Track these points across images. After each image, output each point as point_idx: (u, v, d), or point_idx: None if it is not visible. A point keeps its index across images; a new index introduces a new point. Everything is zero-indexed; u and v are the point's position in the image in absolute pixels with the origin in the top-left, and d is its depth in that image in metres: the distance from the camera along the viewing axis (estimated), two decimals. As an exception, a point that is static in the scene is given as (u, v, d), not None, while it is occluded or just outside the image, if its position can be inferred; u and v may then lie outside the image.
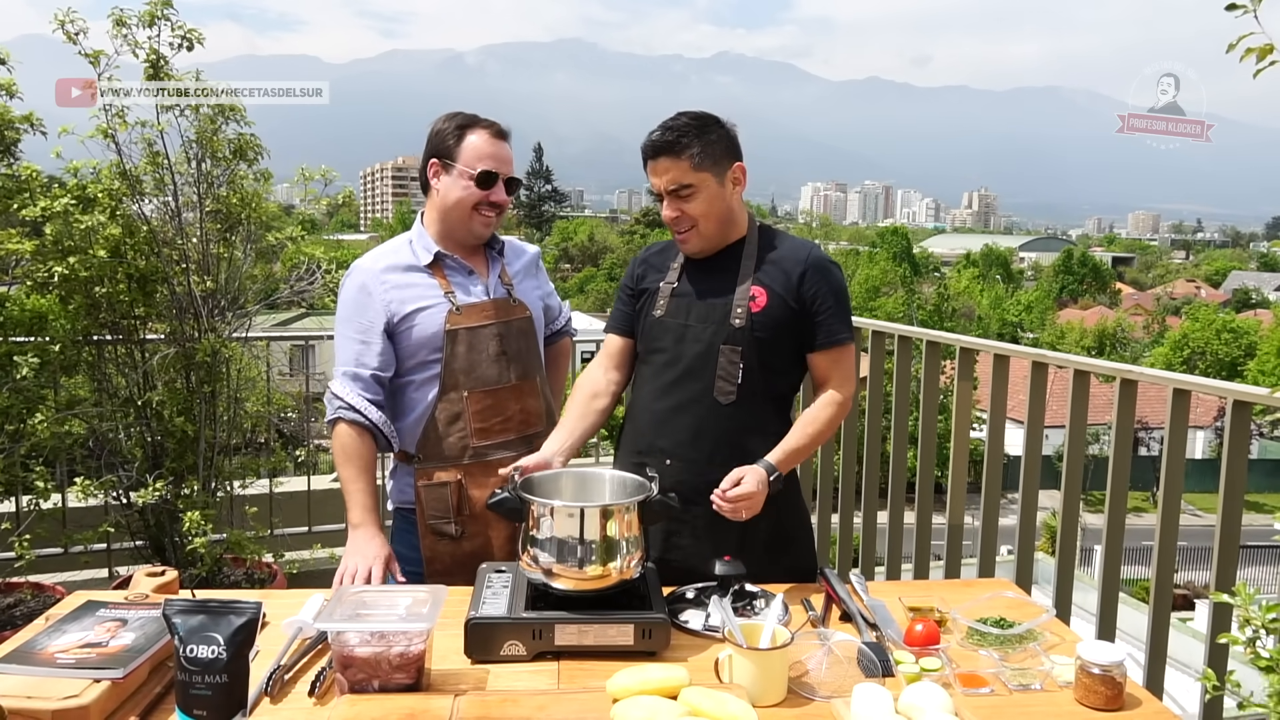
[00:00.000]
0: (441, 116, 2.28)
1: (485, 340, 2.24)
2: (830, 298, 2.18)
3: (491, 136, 2.23)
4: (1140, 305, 55.50)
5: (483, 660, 1.72)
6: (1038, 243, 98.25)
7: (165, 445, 3.18)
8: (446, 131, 2.24)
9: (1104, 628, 2.55)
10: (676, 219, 2.15)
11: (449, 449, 2.24)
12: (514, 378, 2.27)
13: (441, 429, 2.23)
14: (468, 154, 2.21)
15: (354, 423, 2.20)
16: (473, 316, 2.24)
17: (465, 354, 2.22)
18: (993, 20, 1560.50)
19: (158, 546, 3.29)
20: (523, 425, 2.29)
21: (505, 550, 2.24)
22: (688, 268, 2.25)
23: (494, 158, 2.22)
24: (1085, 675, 1.61)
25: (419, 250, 2.27)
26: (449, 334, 2.21)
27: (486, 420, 2.24)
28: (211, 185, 3.17)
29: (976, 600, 1.96)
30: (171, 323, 3.16)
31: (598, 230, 70.98)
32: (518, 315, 2.31)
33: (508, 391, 2.26)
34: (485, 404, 2.24)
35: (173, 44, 3.12)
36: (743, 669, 1.60)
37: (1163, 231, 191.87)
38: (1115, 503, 2.52)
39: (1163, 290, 66.27)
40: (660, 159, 2.11)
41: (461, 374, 2.22)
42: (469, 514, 2.24)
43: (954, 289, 51.59)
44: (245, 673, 1.48)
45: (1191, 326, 40.96)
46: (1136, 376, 2.52)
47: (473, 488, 2.24)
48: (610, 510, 1.77)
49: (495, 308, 2.27)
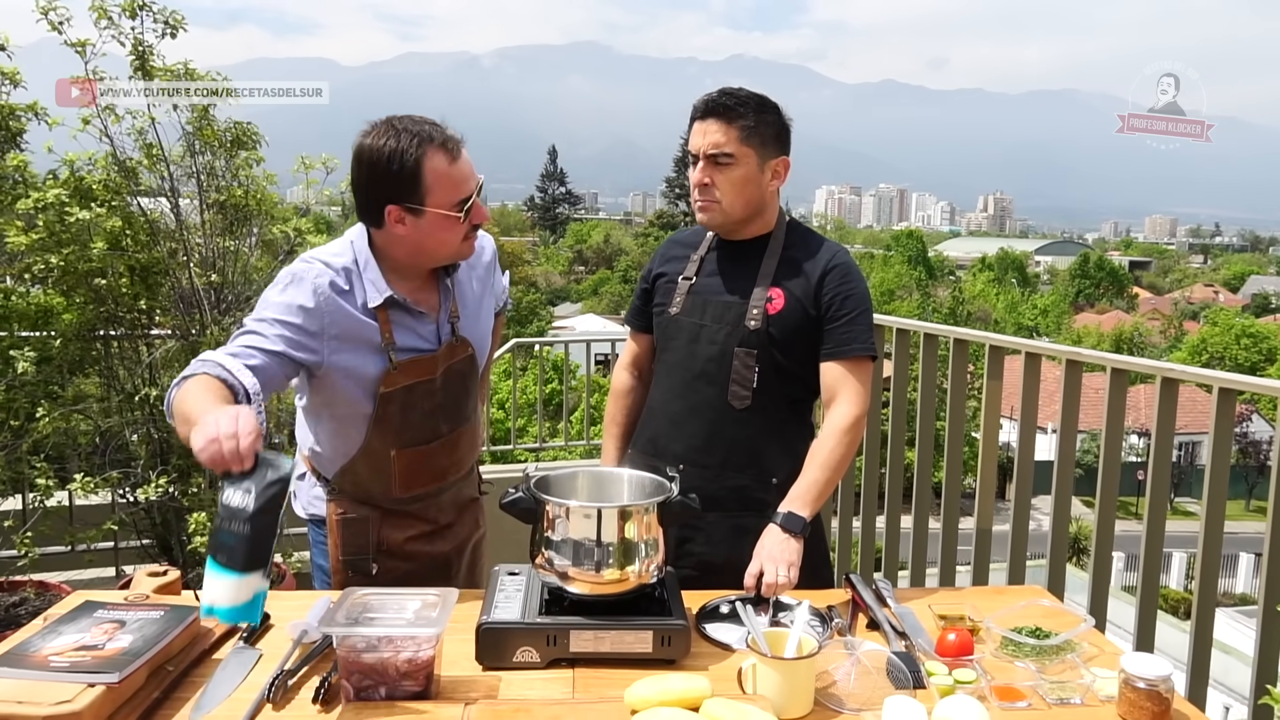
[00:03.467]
0: (373, 142, 1.82)
1: (419, 397, 1.97)
2: (847, 304, 2.07)
3: (451, 157, 1.84)
4: (1157, 309, 55.08)
5: (494, 667, 1.65)
6: (1054, 246, 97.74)
7: (171, 442, 3.12)
8: (401, 169, 1.80)
9: (1142, 639, 2.46)
10: (705, 186, 2.07)
11: (368, 493, 2.03)
12: (447, 430, 2.04)
13: (363, 477, 2.01)
14: (437, 191, 1.83)
15: (215, 376, 1.70)
16: (411, 373, 1.94)
17: (398, 414, 1.95)
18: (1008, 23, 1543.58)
19: (164, 545, 3.24)
20: (452, 472, 2.11)
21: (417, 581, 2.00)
22: (707, 263, 2.18)
23: (465, 179, 1.87)
24: (1130, 690, 1.53)
25: (367, 286, 1.90)
26: (383, 396, 1.92)
27: (413, 475, 2.03)
28: (213, 175, 3.11)
29: (1010, 608, 1.87)
30: (176, 317, 3.11)
31: (612, 233, 70.95)
32: (460, 356, 2.04)
33: (440, 447, 2.05)
34: (414, 461, 2.01)
35: (156, 32, 3.06)
36: (767, 679, 1.52)
37: (1180, 235, 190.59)
38: (1155, 508, 2.42)
39: (1180, 294, 65.77)
40: (709, 119, 2.03)
41: (392, 434, 1.96)
42: (385, 549, 2.06)
43: (969, 292, 51.35)
44: (269, 531, 1.45)
45: (1210, 331, 40.63)
46: (1178, 376, 2.39)
47: (388, 528, 2.05)
48: (629, 511, 1.70)
49: (436, 359, 1.98)
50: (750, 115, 2.03)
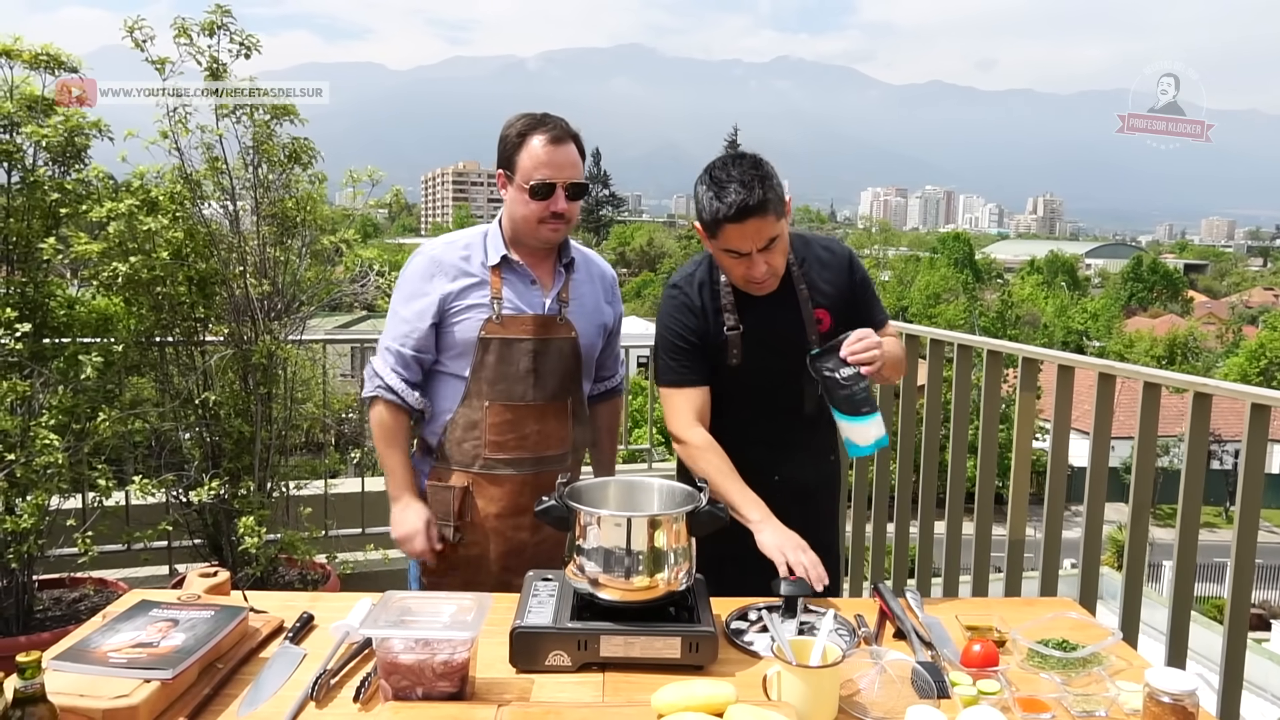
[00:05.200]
0: (511, 118, 2.22)
1: (518, 355, 2.21)
2: (867, 290, 2.30)
3: (549, 142, 2.15)
4: (1214, 314, 53.72)
5: (527, 670, 1.70)
6: (1105, 249, 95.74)
7: (223, 445, 3.24)
8: (509, 139, 2.19)
9: (1175, 650, 2.45)
10: (765, 271, 2.09)
11: (462, 454, 2.25)
12: (539, 398, 2.24)
13: (460, 432, 2.24)
14: (525, 165, 2.15)
15: (390, 402, 2.25)
16: (511, 329, 2.21)
17: (494, 364, 2.20)
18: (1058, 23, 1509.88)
19: (215, 545, 3.35)
20: (539, 446, 2.26)
21: (500, 564, 2.25)
22: (740, 306, 2.20)
23: (550, 165, 2.14)
24: (1154, 704, 1.53)
25: (489, 248, 2.25)
26: (481, 341, 2.20)
27: (502, 434, 2.23)
28: (268, 189, 3.23)
29: (1038, 620, 1.89)
30: (230, 324, 3.23)
31: (655, 235, 71.02)
32: (561, 335, 2.26)
33: (529, 410, 2.23)
34: (503, 418, 2.22)
35: (231, 51, 3.20)
36: (791, 687, 1.55)
37: (1238, 238, 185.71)
38: (1188, 521, 2.42)
39: (1238, 298, 64.07)
40: (749, 220, 2.00)
41: (486, 383, 2.21)
42: (470, 520, 2.26)
43: (1017, 296, 50.56)
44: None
45: (1269, 336, 39.49)
46: (1211, 390, 2.40)
47: (479, 497, 2.25)
48: (659, 520, 1.74)
49: (538, 324, 2.23)
50: (770, 192, 2.02)
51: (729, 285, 2.20)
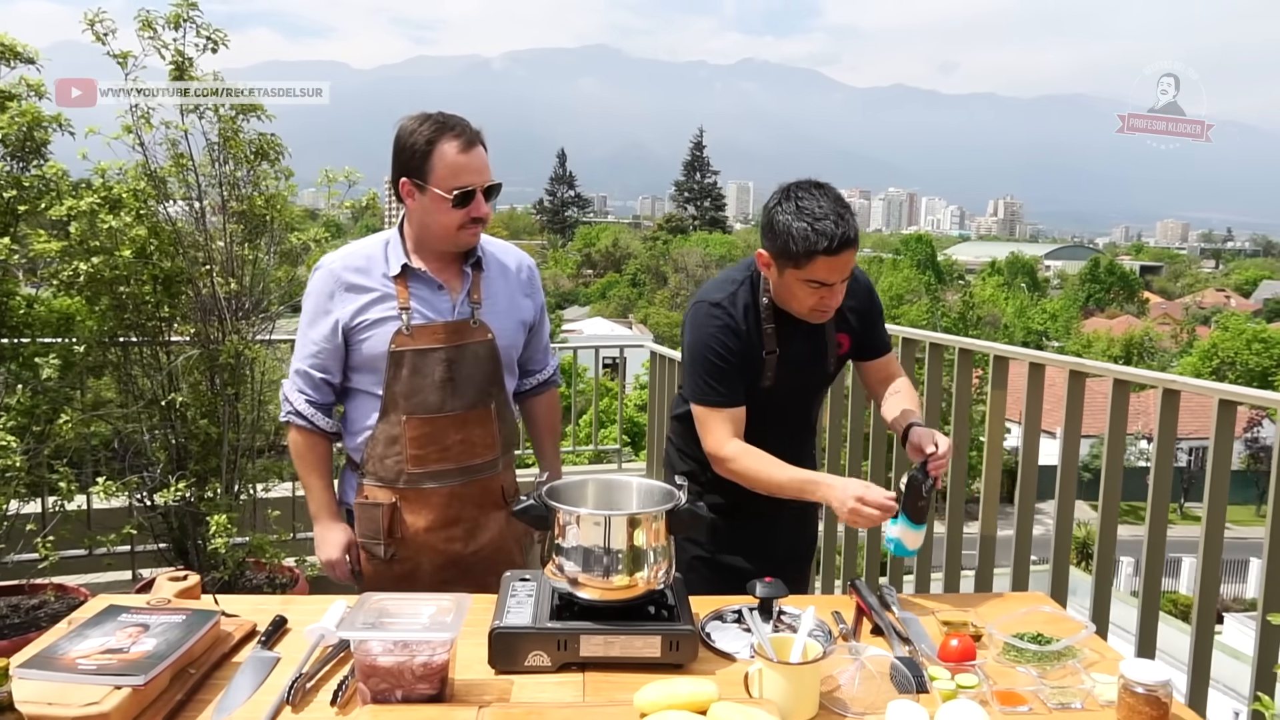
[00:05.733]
0: (405, 122, 2.09)
1: (432, 365, 2.12)
2: (877, 313, 2.36)
3: (464, 148, 2.05)
4: (1168, 314, 54.77)
5: (506, 671, 1.69)
6: (1064, 251, 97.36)
7: (189, 447, 3.18)
8: (416, 147, 2.06)
9: (1144, 645, 2.49)
10: (837, 302, 2.12)
11: (386, 470, 2.17)
12: (458, 406, 2.16)
13: (381, 448, 2.16)
14: (440, 172, 2.04)
15: (302, 427, 2.22)
16: (422, 339, 2.12)
17: (408, 378, 2.12)
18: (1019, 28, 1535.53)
19: (180, 549, 3.29)
20: (463, 455, 2.19)
21: (436, 577, 2.18)
22: (778, 330, 2.22)
23: (470, 171, 2.06)
24: (1129, 695, 1.56)
25: (390, 257, 2.15)
26: (392, 355, 2.11)
27: (423, 447, 2.15)
28: (235, 187, 3.18)
29: (1013, 615, 1.91)
30: (196, 324, 3.17)
31: (621, 236, 70.99)
32: (476, 339, 2.17)
33: (448, 421, 2.15)
34: (423, 431, 2.14)
35: (198, 45, 3.14)
36: (773, 684, 1.56)
37: (1192, 240, 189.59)
38: (1156, 516, 2.46)
39: (1191, 299, 65.41)
40: (844, 253, 2.01)
41: (401, 397, 2.13)
42: (400, 537, 2.19)
43: (979, 297, 51.16)
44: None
45: (1221, 336, 40.38)
46: (1180, 387, 2.45)
47: (406, 512, 2.18)
48: (638, 519, 1.74)
49: (449, 330, 2.14)
50: (854, 221, 2.06)
51: (769, 309, 2.20)
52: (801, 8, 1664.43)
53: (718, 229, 72.93)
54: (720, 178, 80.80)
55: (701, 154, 77.34)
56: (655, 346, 5.54)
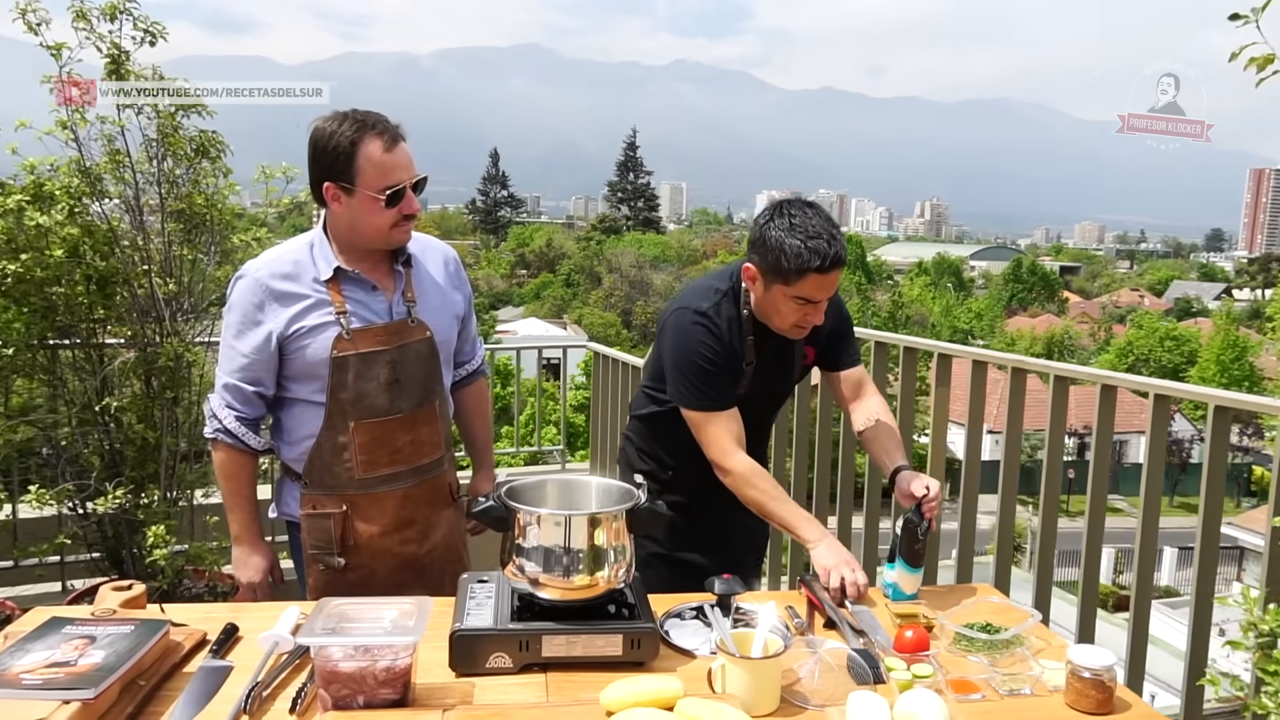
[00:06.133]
0: (322, 124, 2.01)
1: (376, 368, 2.07)
2: (846, 323, 2.41)
3: (387, 145, 2.00)
4: (1086, 313, 56.67)
5: (467, 673, 1.68)
6: (988, 251, 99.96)
7: (125, 453, 3.07)
8: (339, 149, 1.98)
9: (1083, 632, 2.58)
10: (820, 318, 2.17)
11: (334, 478, 2.10)
12: (406, 407, 2.11)
13: (327, 457, 2.09)
14: (368, 173, 1.99)
15: (229, 445, 2.14)
16: (364, 342, 2.06)
17: (353, 383, 2.06)
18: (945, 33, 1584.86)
19: (115, 558, 3.18)
20: (414, 456, 2.16)
21: (392, 581, 2.15)
22: (755, 340, 2.26)
23: (396, 167, 2.02)
24: (1076, 679, 1.62)
25: (318, 260, 2.08)
26: (336, 361, 2.04)
27: (373, 452, 2.10)
28: (174, 185, 3.08)
29: (962, 605, 1.96)
30: (132, 326, 3.06)
31: (554, 236, 70.72)
32: (415, 338, 2.13)
33: (397, 423, 2.11)
34: (372, 435, 2.09)
35: (135, 39, 3.04)
36: (736, 678, 1.57)
37: (1108, 242, 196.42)
38: (1095, 509, 2.56)
39: (1108, 299, 67.79)
40: (834, 271, 2.06)
41: (349, 404, 2.07)
42: (353, 545, 2.13)
43: (907, 296, 52.29)
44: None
45: (1136, 334, 42.02)
46: (1117, 383, 2.57)
47: (358, 519, 2.12)
48: (598, 518, 1.74)
49: (390, 332, 2.10)
50: (843, 240, 2.11)
51: (750, 321, 2.23)
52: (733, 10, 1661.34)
53: (651, 229, 73.23)
54: (654, 178, 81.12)
55: (635, 154, 77.53)
56: (598, 347, 5.54)
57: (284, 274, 2.08)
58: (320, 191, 2.04)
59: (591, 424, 5.61)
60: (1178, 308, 64.55)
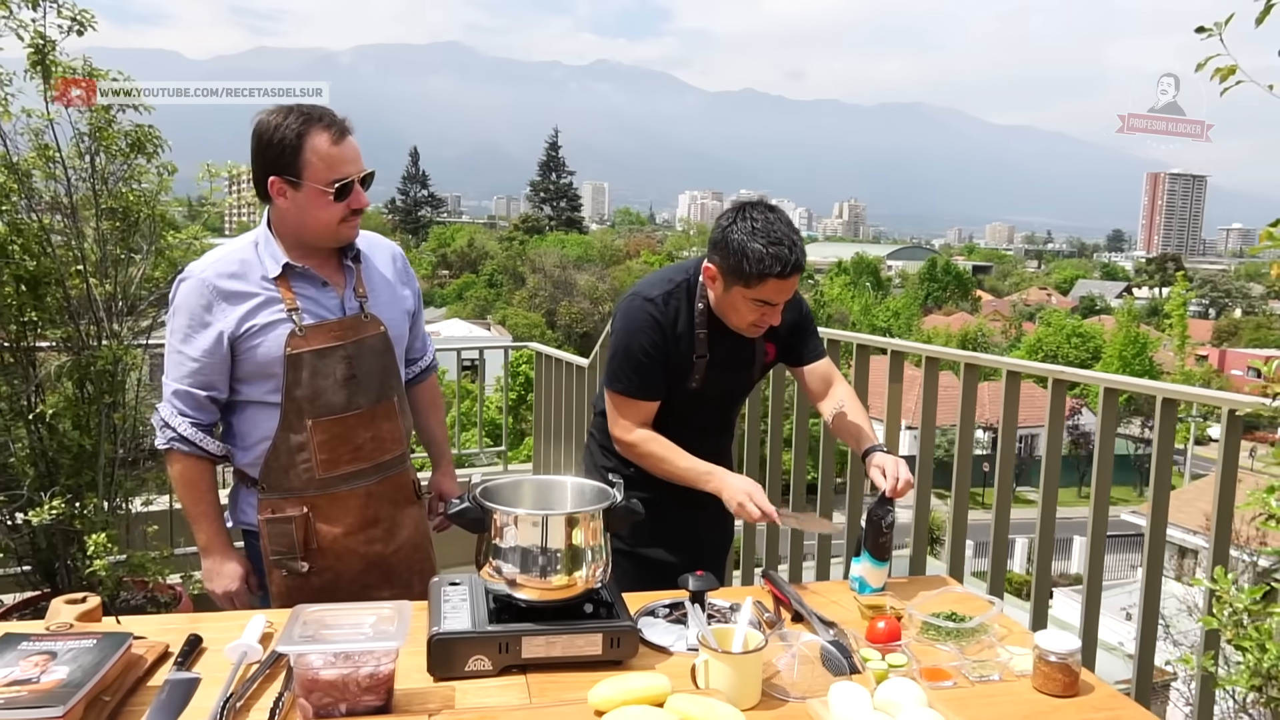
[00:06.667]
0: (266, 117, 1.97)
1: (332, 365, 2.03)
2: (808, 319, 2.44)
3: (335, 137, 1.97)
4: (998, 311, 58.53)
5: (446, 677, 1.66)
6: (904, 251, 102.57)
7: (59, 461, 2.93)
8: (286, 142, 1.95)
9: (1037, 619, 2.68)
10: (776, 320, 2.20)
11: (293, 480, 2.05)
12: (364, 403, 2.08)
13: (285, 459, 2.04)
14: (316, 167, 1.95)
15: (187, 454, 2.07)
16: (318, 338, 2.02)
17: (309, 380, 2.01)
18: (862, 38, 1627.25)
19: (47, 571, 3.04)
20: (376, 453, 2.12)
21: (359, 583, 2.12)
22: (710, 335, 2.27)
23: (347, 162, 1.99)
24: (1044, 664, 1.68)
25: (265, 258, 2.03)
26: (290, 359, 2.00)
27: (333, 451, 2.05)
28: (106, 181, 2.95)
29: (927, 596, 2.01)
30: (66, 328, 2.92)
31: (476, 236, 69.97)
32: (370, 333, 2.09)
33: (357, 419, 2.07)
34: (331, 434, 2.05)
35: (61, 27, 2.88)
36: (719, 673, 1.59)
37: (1017, 242, 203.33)
38: (1047, 501, 2.68)
39: (1018, 297, 70.17)
40: (793, 277, 2.10)
41: (305, 402, 2.02)
42: (317, 548, 2.08)
43: (828, 295, 53.21)
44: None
45: (1045, 331, 43.61)
46: (1069, 377, 2.71)
47: (320, 520, 2.08)
48: (576, 518, 1.74)
49: (344, 327, 2.06)
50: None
51: (704, 314, 2.25)
52: (653, 11, 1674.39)
53: (574, 229, 73.05)
54: (576, 178, 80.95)
55: (557, 154, 77.26)
56: (538, 346, 5.52)
57: (230, 273, 2.03)
58: (265, 187, 2.00)
59: (535, 425, 5.57)
60: (1083, 306, 67.21)
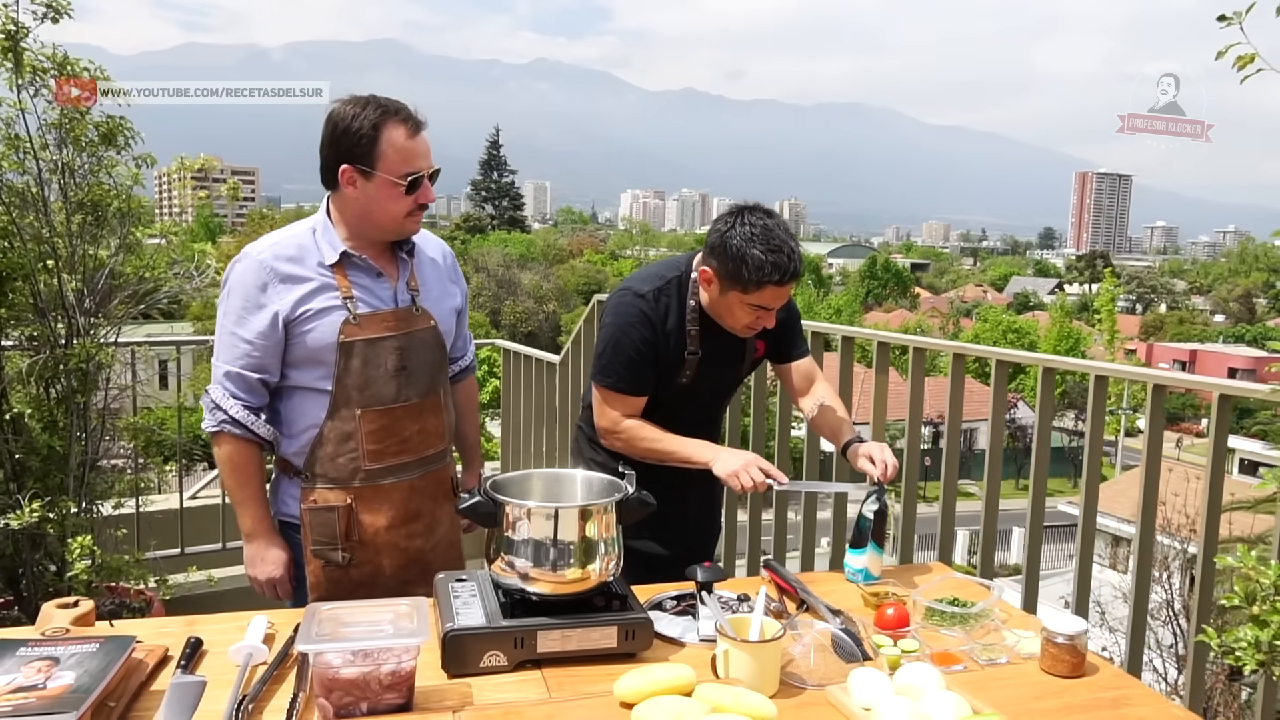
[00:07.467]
0: (341, 107, 1.98)
1: (383, 355, 2.03)
2: (794, 317, 2.46)
3: (410, 131, 1.99)
4: (936, 308, 59.67)
5: (460, 674, 1.64)
6: (844, 249, 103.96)
7: (26, 464, 2.82)
8: (361, 132, 1.95)
9: (1028, 601, 2.74)
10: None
11: (338, 470, 2.04)
12: (413, 396, 2.08)
13: (331, 448, 2.03)
14: (390, 158, 1.97)
15: (237, 437, 2.05)
16: (371, 328, 2.02)
17: (360, 369, 2.01)
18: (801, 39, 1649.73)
19: (10, 578, 2.92)
20: (421, 446, 2.12)
21: (398, 579, 2.10)
22: (700, 332, 2.27)
23: (417, 155, 2.00)
24: (1051, 645, 1.71)
25: (323, 245, 2.04)
26: (343, 346, 2.00)
27: (380, 442, 2.05)
28: (73, 174, 2.84)
29: (929, 583, 2.04)
30: (34, 325, 2.81)
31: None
32: (421, 326, 2.11)
33: (405, 411, 2.07)
34: (380, 424, 2.04)
35: (35, 13, 2.78)
36: (739, 663, 1.59)
37: (953, 240, 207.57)
38: (1037, 489, 2.75)
39: (955, 294, 71.67)
40: (791, 282, 2.13)
41: (355, 390, 2.02)
42: (358, 540, 2.07)
43: (771, 293, 53.69)
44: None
45: (981, 327, 44.58)
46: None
47: (363, 512, 2.06)
48: (589, 510, 1.73)
49: (397, 318, 2.07)
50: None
51: (695, 311, 2.25)
52: (593, 10, 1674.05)
53: (517, 228, 72.64)
54: (518, 177, 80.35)
55: (498, 153, 76.69)
56: (506, 343, 5.47)
57: (288, 256, 2.02)
58: (334, 174, 2.00)
59: (503, 423, 5.52)
60: (1017, 302, 68.88)
